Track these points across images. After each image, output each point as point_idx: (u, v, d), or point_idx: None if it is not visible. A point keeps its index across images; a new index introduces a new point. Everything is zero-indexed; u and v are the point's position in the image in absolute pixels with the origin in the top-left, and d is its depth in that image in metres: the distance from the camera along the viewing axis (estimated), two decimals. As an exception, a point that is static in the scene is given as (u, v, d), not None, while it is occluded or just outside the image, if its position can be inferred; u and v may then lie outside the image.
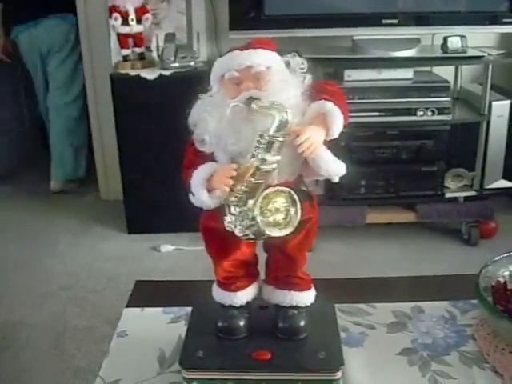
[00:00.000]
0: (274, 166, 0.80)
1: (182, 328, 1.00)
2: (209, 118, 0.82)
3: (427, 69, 2.86)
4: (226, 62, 0.85)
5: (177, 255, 2.74)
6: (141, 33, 2.77)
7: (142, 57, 2.81)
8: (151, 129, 2.76)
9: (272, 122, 0.79)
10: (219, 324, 0.91)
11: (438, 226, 2.90)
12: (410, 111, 2.60)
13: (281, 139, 0.79)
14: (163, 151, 2.68)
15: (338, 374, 0.86)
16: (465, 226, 2.80)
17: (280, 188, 0.81)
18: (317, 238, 0.90)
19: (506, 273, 1.05)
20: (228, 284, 0.92)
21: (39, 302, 2.38)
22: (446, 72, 2.83)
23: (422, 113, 2.60)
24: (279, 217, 0.80)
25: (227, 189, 0.80)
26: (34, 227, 3.06)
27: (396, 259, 2.64)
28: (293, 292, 0.91)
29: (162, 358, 0.98)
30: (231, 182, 0.80)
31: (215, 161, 0.84)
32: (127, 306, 1.12)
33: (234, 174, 0.80)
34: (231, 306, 0.92)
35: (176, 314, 1.09)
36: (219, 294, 0.93)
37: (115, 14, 2.70)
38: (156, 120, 2.72)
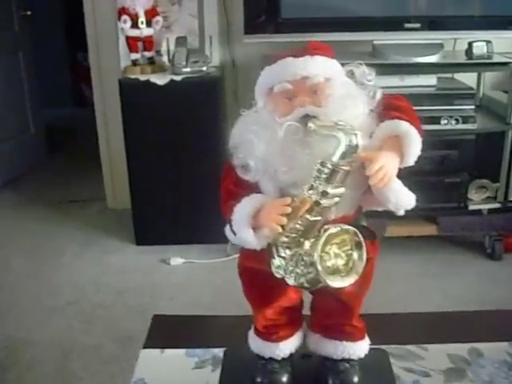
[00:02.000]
0: (337, 199, 0.66)
1: (208, 375, 0.88)
2: (255, 140, 0.68)
3: (448, 75, 2.75)
4: (276, 71, 0.71)
5: (187, 268, 2.63)
6: (151, 36, 2.69)
7: (151, 61, 2.72)
8: (161, 136, 2.68)
9: (336, 146, 0.64)
10: (258, 379, 0.79)
11: (460, 240, 2.79)
12: (434, 120, 2.49)
13: (346, 168, 0.65)
14: (173, 159, 2.63)
15: None
16: (488, 239, 2.69)
17: (344, 227, 0.66)
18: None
19: None
20: (269, 334, 0.79)
21: (45, 317, 2.28)
22: (467, 78, 2.73)
23: (445, 121, 2.49)
24: (340, 262, 0.66)
25: (279, 228, 0.66)
26: (38, 237, 2.97)
27: (417, 273, 2.54)
28: (345, 343, 0.79)
29: (188, 411, 0.86)
30: (284, 219, 0.66)
31: (260, 192, 0.70)
32: (144, 347, 0.99)
33: (289, 210, 0.65)
34: (272, 359, 0.79)
35: (201, 357, 0.96)
36: (258, 345, 0.80)
37: (124, 17, 2.62)
38: (166, 127, 2.64)
